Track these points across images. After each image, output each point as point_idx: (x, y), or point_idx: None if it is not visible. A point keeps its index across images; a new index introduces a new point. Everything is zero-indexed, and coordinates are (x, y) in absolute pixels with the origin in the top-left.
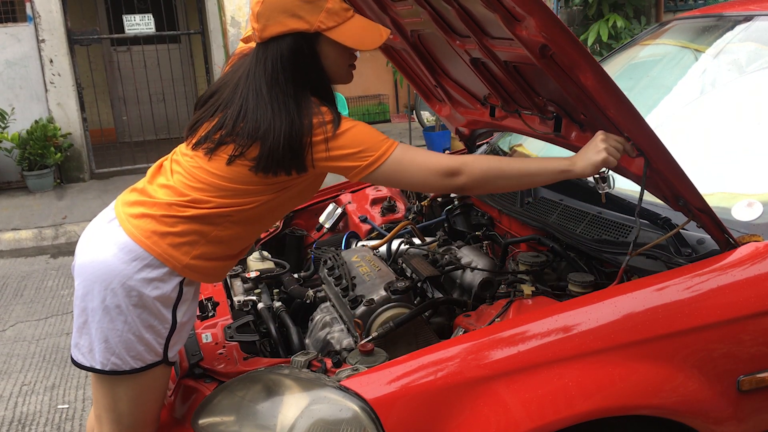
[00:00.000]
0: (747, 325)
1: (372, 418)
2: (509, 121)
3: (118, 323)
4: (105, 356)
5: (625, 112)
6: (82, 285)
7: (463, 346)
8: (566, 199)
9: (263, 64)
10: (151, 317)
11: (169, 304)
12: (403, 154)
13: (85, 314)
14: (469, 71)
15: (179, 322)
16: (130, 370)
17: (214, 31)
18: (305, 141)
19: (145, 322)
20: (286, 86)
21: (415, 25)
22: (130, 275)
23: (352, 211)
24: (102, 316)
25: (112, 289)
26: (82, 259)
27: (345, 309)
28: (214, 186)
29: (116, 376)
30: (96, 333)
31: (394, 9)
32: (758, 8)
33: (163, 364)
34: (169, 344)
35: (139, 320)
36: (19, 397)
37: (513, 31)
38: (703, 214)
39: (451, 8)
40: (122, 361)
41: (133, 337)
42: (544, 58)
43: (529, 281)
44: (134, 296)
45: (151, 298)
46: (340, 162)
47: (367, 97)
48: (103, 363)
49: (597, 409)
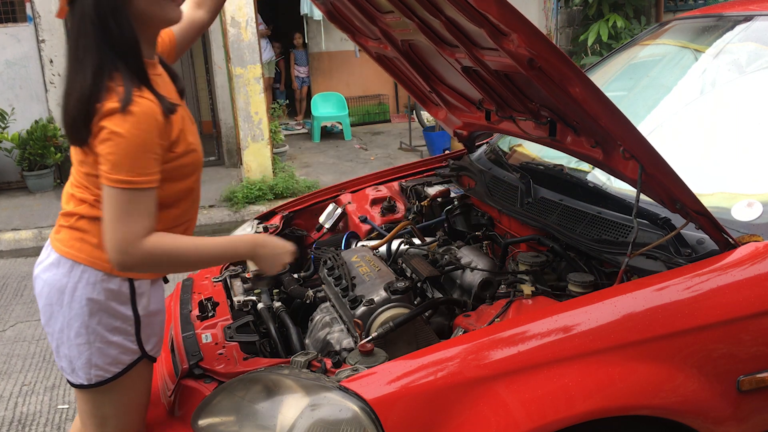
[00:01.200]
0: (747, 325)
1: (372, 418)
2: (505, 124)
3: (84, 336)
4: (86, 371)
5: (617, 120)
6: (42, 312)
7: (463, 346)
8: (566, 199)
9: (74, 25)
10: (112, 319)
11: (125, 301)
12: (128, 200)
13: (54, 338)
14: (462, 78)
15: (142, 315)
16: (113, 376)
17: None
18: (90, 110)
19: (108, 326)
20: (88, 42)
21: (405, 35)
22: (74, 286)
23: (351, 211)
24: (68, 335)
25: (67, 304)
26: (36, 289)
27: (345, 309)
28: (85, 178)
29: (103, 386)
30: (70, 352)
31: (384, 20)
32: (758, 8)
33: (143, 360)
34: (142, 339)
35: (101, 327)
36: (19, 397)
37: (500, 44)
38: (701, 217)
39: (439, 20)
40: (104, 371)
41: (104, 345)
42: (533, 69)
43: (529, 281)
44: (88, 304)
45: (104, 301)
46: (98, 151)
47: (367, 97)
48: (89, 378)
49: (597, 409)
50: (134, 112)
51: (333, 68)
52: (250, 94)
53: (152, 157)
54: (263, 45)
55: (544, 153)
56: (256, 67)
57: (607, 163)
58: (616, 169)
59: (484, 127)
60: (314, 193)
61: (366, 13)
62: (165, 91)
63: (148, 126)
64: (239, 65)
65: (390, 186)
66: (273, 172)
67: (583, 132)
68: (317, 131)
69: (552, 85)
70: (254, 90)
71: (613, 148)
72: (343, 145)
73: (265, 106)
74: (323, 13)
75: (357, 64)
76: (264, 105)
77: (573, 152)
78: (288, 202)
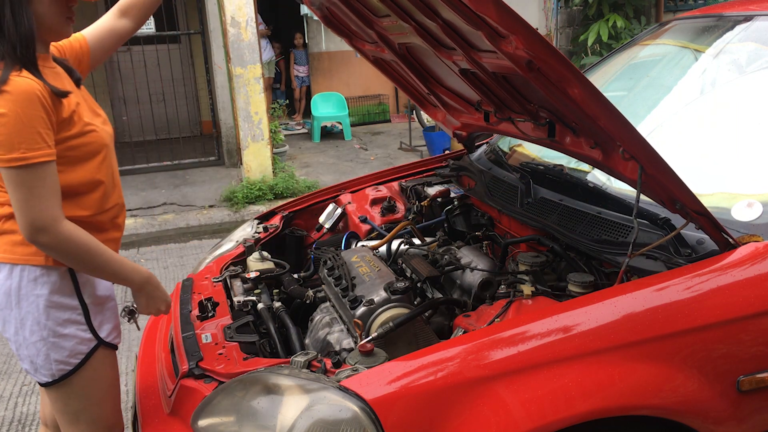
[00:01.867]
0: (747, 325)
1: (372, 418)
2: (504, 125)
3: (38, 333)
4: (48, 368)
5: (616, 121)
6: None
7: (463, 346)
8: (566, 199)
9: None
10: (60, 311)
11: (69, 292)
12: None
13: (12, 342)
14: (460, 80)
15: (89, 303)
16: (74, 368)
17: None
18: None
19: (57, 319)
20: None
21: (402, 38)
22: (18, 286)
23: (351, 211)
24: (24, 335)
25: (15, 306)
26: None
27: (345, 309)
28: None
29: (66, 379)
30: (29, 352)
31: (380, 24)
32: (758, 8)
33: (101, 348)
34: (94, 326)
35: (52, 321)
36: (19, 397)
37: (498, 47)
38: (701, 217)
39: (435, 23)
40: (64, 364)
41: (58, 338)
42: (532, 71)
43: (529, 281)
44: (35, 302)
45: (47, 295)
46: None
47: (367, 97)
48: (52, 374)
49: (597, 410)
50: (10, 90)
51: (333, 68)
52: (250, 94)
53: (40, 131)
54: (263, 45)
55: (543, 153)
56: (256, 67)
57: (607, 164)
58: (615, 170)
59: (483, 128)
60: (314, 193)
61: (362, 17)
62: (58, 81)
63: (29, 102)
64: (239, 65)
65: (390, 186)
66: (273, 172)
67: (582, 133)
68: (317, 131)
69: (551, 86)
70: (254, 90)
71: (612, 148)
72: (343, 145)
73: (265, 106)
74: (319, 18)
75: (357, 64)
76: (264, 105)
77: (572, 153)
78: (288, 202)
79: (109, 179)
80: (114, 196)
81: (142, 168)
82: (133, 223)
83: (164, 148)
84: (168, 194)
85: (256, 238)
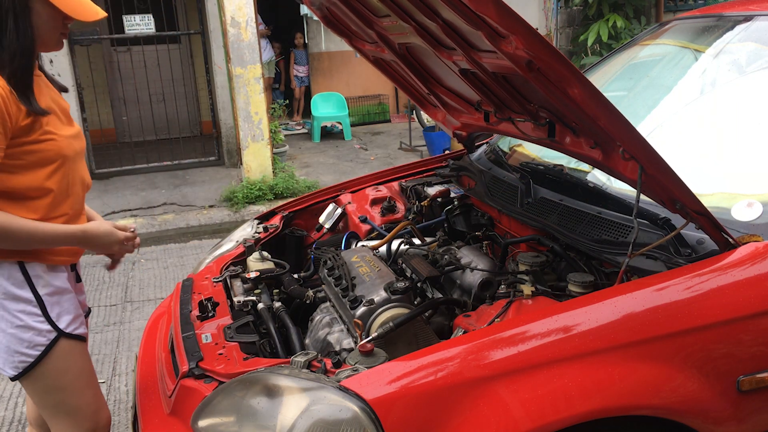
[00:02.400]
0: (747, 325)
1: (372, 418)
2: (504, 125)
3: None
4: (10, 360)
5: (616, 121)
6: None
7: (463, 346)
8: (566, 199)
9: None
10: (15, 302)
11: (21, 284)
12: None
13: None
14: (460, 80)
15: (44, 295)
16: (36, 360)
17: (214, 31)
18: None
19: (13, 310)
20: None
21: (402, 39)
22: None
23: (351, 211)
24: None
25: None
26: None
27: (345, 309)
28: None
29: (31, 372)
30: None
31: (380, 24)
32: (758, 8)
33: (63, 339)
34: (52, 318)
35: (7, 313)
36: (19, 397)
37: (498, 47)
38: (701, 217)
39: (436, 23)
40: (25, 356)
41: (16, 330)
42: (532, 71)
43: (529, 281)
44: None
45: (1, 287)
46: None
47: (367, 97)
48: (15, 366)
49: (597, 409)
50: None
51: (333, 68)
52: (250, 94)
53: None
54: (263, 45)
55: (544, 153)
56: (256, 67)
57: (607, 164)
58: (615, 170)
59: (483, 128)
60: (314, 193)
61: (362, 17)
62: (46, 88)
63: None
64: (239, 65)
65: (390, 186)
66: (273, 172)
67: (582, 133)
68: (317, 131)
69: (551, 86)
70: (254, 90)
71: (612, 148)
72: (343, 145)
73: (265, 106)
74: (319, 18)
75: (357, 64)
76: (264, 105)
77: (572, 153)
78: (288, 202)
79: (61, 189)
80: (64, 206)
81: (142, 168)
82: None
83: (164, 148)
84: (168, 194)
85: (256, 238)
